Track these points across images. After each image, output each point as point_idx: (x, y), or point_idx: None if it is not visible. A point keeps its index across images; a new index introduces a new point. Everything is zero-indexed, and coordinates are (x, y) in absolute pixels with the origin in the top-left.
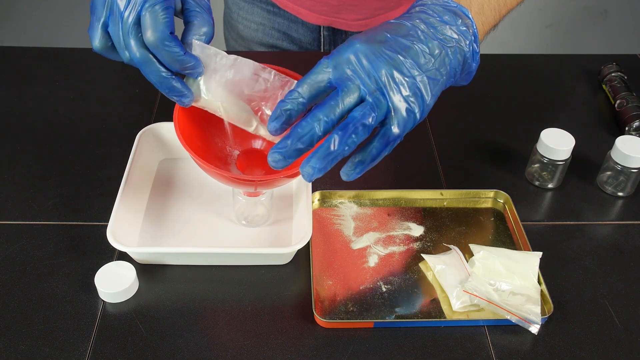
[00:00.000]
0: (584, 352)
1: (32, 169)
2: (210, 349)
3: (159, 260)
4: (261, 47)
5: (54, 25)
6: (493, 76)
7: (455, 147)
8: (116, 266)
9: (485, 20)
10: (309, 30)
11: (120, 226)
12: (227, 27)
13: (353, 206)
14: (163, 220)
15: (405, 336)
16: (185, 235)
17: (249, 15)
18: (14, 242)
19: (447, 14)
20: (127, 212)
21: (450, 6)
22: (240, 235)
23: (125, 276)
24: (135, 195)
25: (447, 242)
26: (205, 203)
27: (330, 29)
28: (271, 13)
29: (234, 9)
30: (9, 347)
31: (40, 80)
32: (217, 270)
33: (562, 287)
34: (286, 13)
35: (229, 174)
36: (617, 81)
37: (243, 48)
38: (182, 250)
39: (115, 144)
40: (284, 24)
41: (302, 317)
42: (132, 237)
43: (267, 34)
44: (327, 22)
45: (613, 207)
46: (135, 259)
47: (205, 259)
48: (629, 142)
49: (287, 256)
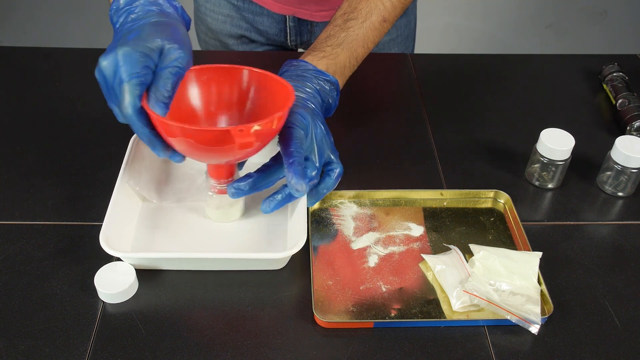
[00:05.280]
0: (584, 352)
1: (32, 169)
2: (210, 349)
3: (153, 265)
4: (230, 38)
5: (54, 25)
6: (493, 76)
7: (455, 147)
8: (116, 267)
9: (344, 79)
10: (274, 21)
11: (114, 231)
12: (197, 21)
13: (353, 206)
14: (157, 225)
15: (405, 336)
16: (179, 240)
17: (216, 7)
18: (14, 242)
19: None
20: (120, 216)
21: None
22: (236, 239)
23: (125, 277)
24: (129, 199)
25: (447, 242)
26: (200, 207)
27: (295, 20)
28: (237, 6)
29: (201, 2)
30: (9, 347)
31: (40, 80)
32: (216, 270)
33: (562, 287)
34: (252, 5)
35: (197, 127)
36: (618, 81)
37: (213, 40)
38: (175, 256)
39: (115, 144)
40: (249, 16)
41: (302, 317)
42: (125, 242)
43: (236, 25)
44: (291, 12)
45: (613, 207)
46: (130, 264)
47: (199, 264)
48: (629, 142)
49: (282, 261)
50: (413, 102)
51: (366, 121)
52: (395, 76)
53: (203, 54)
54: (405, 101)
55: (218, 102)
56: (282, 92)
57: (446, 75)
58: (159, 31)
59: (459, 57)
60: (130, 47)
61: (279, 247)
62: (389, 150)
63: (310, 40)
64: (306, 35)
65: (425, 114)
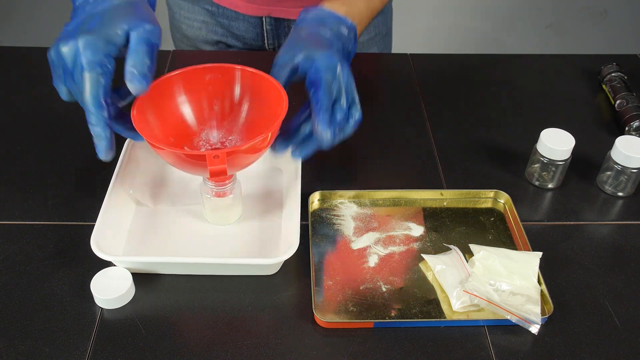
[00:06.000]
0: (584, 352)
1: (32, 169)
2: (210, 349)
3: (147, 269)
4: (207, 45)
5: (55, 25)
6: (493, 76)
7: (455, 147)
8: (112, 272)
9: (361, 29)
10: (250, 25)
11: (106, 235)
12: (172, 28)
13: (353, 206)
14: (151, 229)
15: (405, 336)
16: (173, 244)
17: (191, 14)
18: (14, 242)
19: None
20: (113, 220)
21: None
22: (230, 243)
23: (121, 282)
24: (123, 202)
25: (447, 242)
26: (194, 211)
27: (272, 22)
28: (212, 12)
29: (175, 9)
30: (9, 347)
31: (40, 80)
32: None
33: (562, 287)
34: (226, 10)
35: (182, 151)
36: (617, 81)
37: (190, 47)
38: (167, 260)
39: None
40: (224, 22)
41: (302, 317)
42: (118, 246)
43: (211, 30)
44: (266, 12)
45: (613, 207)
46: (125, 267)
47: (192, 268)
48: (629, 142)
49: (274, 267)
50: (413, 102)
51: (366, 121)
52: (395, 76)
53: (179, 53)
54: (405, 101)
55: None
56: (276, 98)
57: (446, 75)
58: (121, 14)
59: (459, 57)
60: (93, 35)
61: (273, 251)
62: (389, 150)
63: None
64: (284, 37)
65: (425, 114)
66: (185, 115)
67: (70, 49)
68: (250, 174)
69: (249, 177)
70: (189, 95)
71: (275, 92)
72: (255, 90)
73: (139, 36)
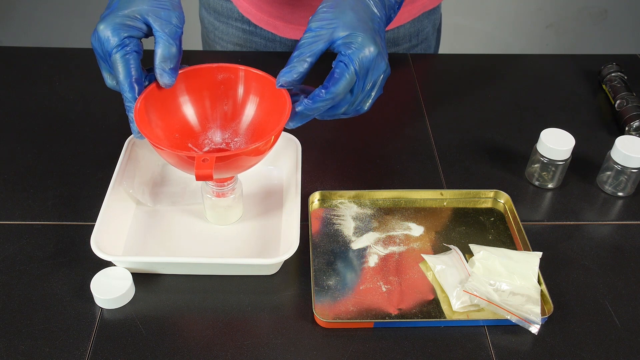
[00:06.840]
0: (584, 352)
1: (32, 169)
2: (210, 349)
3: (146, 269)
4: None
5: (54, 25)
6: (493, 76)
7: (455, 147)
8: (112, 272)
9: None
10: (287, 48)
11: (106, 235)
12: (205, 47)
13: (353, 206)
14: (151, 228)
15: (405, 336)
16: (173, 243)
17: (224, 36)
18: (14, 242)
19: None
20: (113, 220)
21: None
22: (230, 243)
23: (121, 282)
24: (123, 202)
25: (447, 242)
26: (194, 211)
27: None
28: (247, 32)
29: (210, 29)
30: (9, 347)
31: (40, 80)
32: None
33: (562, 287)
34: (262, 31)
35: (182, 152)
36: (617, 81)
37: None
38: (166, 260)
39: (115, 144)
40: (260, 43)
41: (302, 317)
42: (118, 246)
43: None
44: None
45: (613, 207)
46: (125, 267)
47: (191, 268)
48: (629, 142)
49: (274, 267)
50: (413, 102)
51: (366, 121)
52: (395, 76)
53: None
54: (405, 101)
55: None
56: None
57: (446, 75)
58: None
59: (459, 57)
60: (116, 18)
61: (273, 251)
62: (389, 150)
63: None
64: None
65: (425, 114)
66: (191, 113)
67: (100, 33)
68: (251, 174)
69: (249, 177)
70: (196, 94)
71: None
72: (261, 93)
73: (162, 25)
